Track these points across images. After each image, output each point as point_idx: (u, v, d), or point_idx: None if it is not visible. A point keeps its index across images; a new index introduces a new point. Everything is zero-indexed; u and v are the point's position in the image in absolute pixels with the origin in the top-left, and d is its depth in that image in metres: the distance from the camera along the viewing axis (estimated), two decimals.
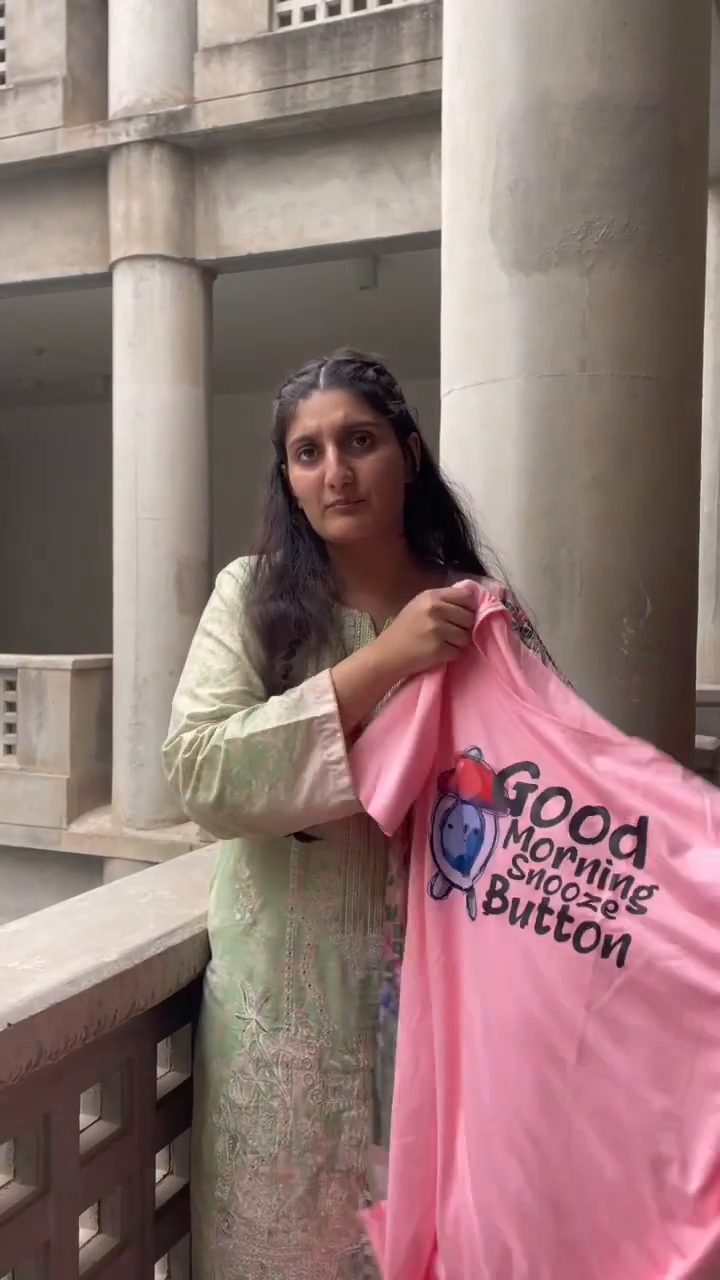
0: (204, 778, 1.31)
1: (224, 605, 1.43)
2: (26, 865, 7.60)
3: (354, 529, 1.37)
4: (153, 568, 7.13)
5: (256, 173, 6.83)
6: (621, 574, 2.33)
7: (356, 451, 1.36)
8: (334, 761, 1.27)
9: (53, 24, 7.28)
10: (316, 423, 1.36)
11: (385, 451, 1.38)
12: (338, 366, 1.41)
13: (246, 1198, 1.40)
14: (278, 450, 1.44)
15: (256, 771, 1.28)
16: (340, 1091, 1.37)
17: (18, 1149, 1.29)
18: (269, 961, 1.39)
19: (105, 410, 7.59)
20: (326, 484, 1.35)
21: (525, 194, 2.32)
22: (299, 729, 1.27)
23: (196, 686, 1.37)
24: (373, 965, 1.37)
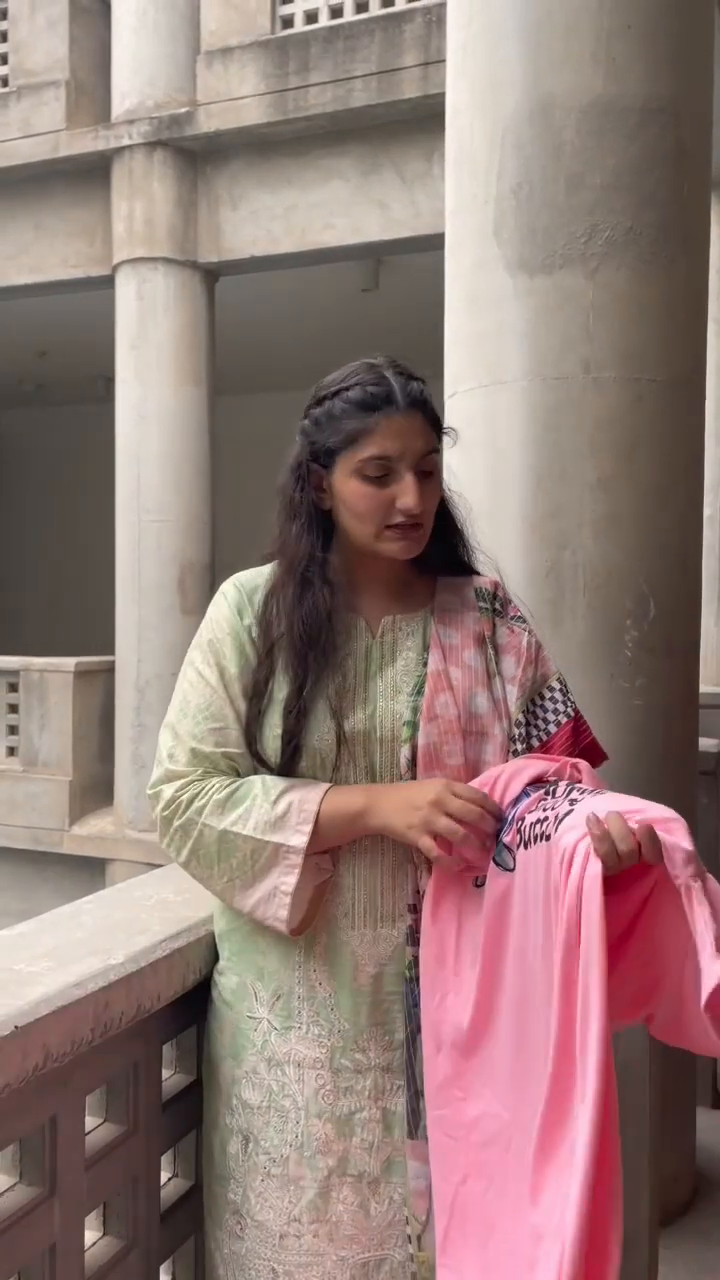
0: (176, 841, 1.38)
1: (209, 633, 1.45)
2: (29, 867, 7.60)
3: (411, 551, 1.41)
4: (155, 570, 7.14)
5: (259, 175, 6.84)
6: (626, 576, 2.34)
7: (424, 479, 1.39)
8: (284, 891, 1.33)
9: (55, 26, 7.30)
10: (399, 447, 1.36)
11: (439, 478, 1.43)
12: (408, 382, 1.39)
13: (259, 1200, 1.39)
14: (324, 454, 1.40)
15: (222, 862, 1.35)
16: (351, 1092, 1.37)
17: (24, 1151, 1.28)
18: (279, 960, 1.39)
19: (108, 412, 7.60)
20: (400, 509, 1.36)
21: (529, 196, 2.33)
22: (267, 848, 1.33)
23: (176, 721, 1.43)
24: (384, 961, 1.37)
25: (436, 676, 1.40)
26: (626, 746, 2.30)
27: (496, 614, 1.48)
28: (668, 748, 2.41)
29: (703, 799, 2.96)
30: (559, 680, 1.49)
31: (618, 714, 2.31)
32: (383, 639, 1.44)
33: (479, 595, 1.49)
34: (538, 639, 1.50)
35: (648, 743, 2.35)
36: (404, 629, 1.44)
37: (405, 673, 1.41)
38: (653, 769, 2.36)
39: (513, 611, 1.50)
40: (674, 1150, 2.47)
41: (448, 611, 1.47)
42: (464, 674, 1.42)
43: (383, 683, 1.41)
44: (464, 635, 1.45)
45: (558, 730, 1.45)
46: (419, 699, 1.39)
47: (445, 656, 1.42)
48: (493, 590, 1.50)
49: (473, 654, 1.44)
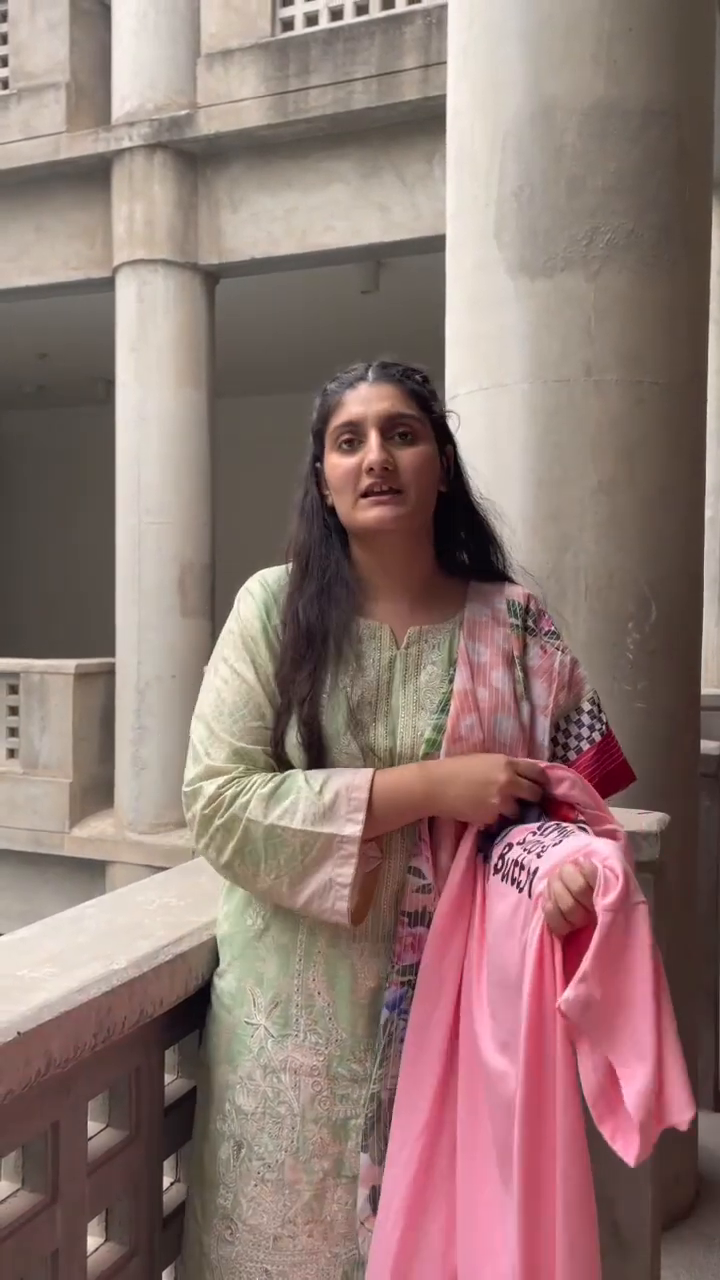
0: (218, 840, 1.34)
1: (241, 629, 1.42)
2: (29, 869, 7.60)
3: (389, 519, 1.36)
4: (155, 571, 7.14)
5: (259, 177, 6.85)
6: (627, 579, 2.34)
7: (397, 444, 1.37)
8: (342, 883, 1.29)
9: (56, 29, 7.31)
10: (362, 410, 1.37)
11: (425, 448, 1.40)
12: (386, 365, 1.43)
13: (251, 1204, 1.38)
14: (316, 442, 1.44)
15: (269, 859, 1.31)
16: (348, 1100, 1.36)
17: (26, 1157, 1.28)
18: (279, 967, 1.39)
19: (108, 414, 7.61)
20: (365, 468, 1.35)
21: (530, 199, 2.33)
22: (319, 839, 1.29)
23: (212, 719, 1.39)
24: (384, 974, 1.36)
25: (463, 696, 1.36)
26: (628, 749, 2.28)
27: (528, 631, 1.44)
28: (669, 750, 2.41)
29: (704, 801, 2.96)
30: (591, 701, 1.45)
31: (619, 717, 2.31)
32: (407, 650, 1.40)
33: (511, 609, 1.45)
34: (572, 657, 1.45)
35: (649, 745, 2.35)
36: (430, 640, 1.40)
37: (430, 689, 1.38)
38: (654, 771, 2.36)
39: (546, 626, 1.46)
40: (675, 1153, 2.47)
41: (477, 624, 1.42)
42: (491, 695, 1.38)
43: (405, 697, 1.37)
44: (493, 653, 1.41)
45: (579, 757, 1.43)
46: (443, 718, 1.35)
47: (473, 675, 1.38)
48: (525, 604, 1.46)
49: (501, 675, 1.39)
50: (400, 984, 1.35)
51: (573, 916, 1.15)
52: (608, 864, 1.14)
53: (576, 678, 1.45)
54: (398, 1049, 1.34)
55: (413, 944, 1.34)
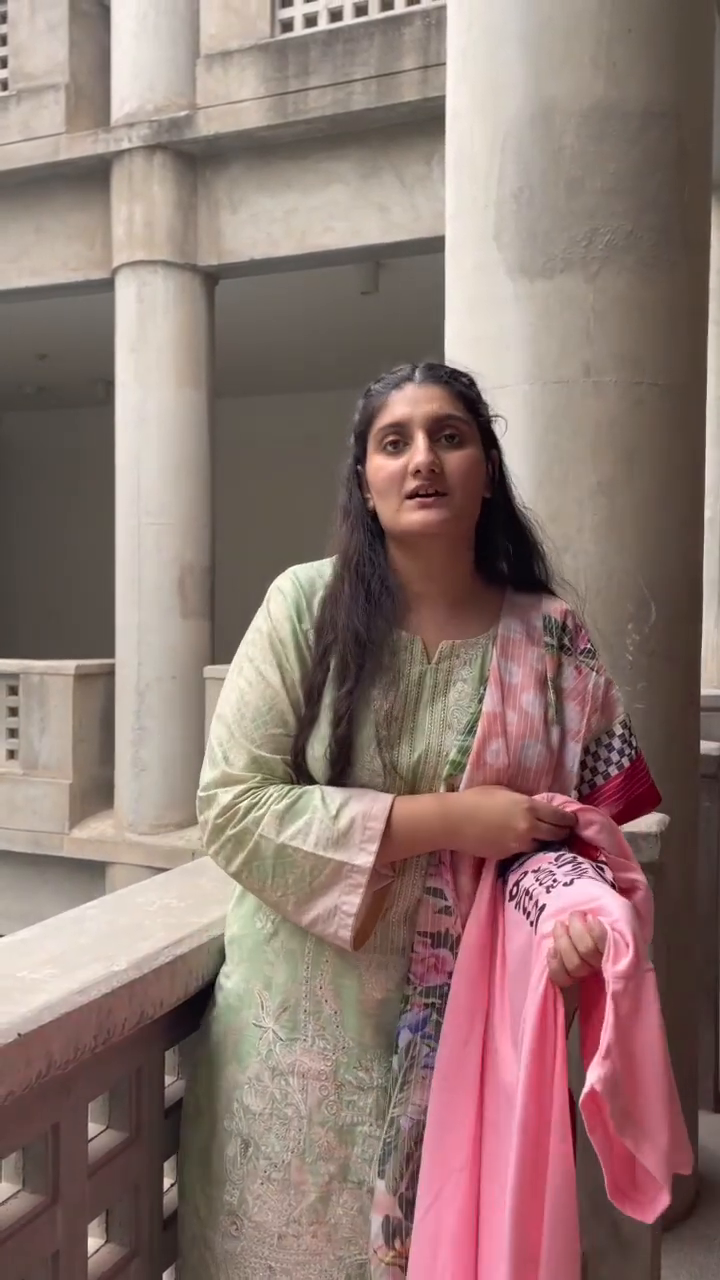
0: (227, 850, 1.33)
1: (272, 630, 1.38)
2: (29, 869, 7.60)
3: (435, 523, 1.32)
4: (155, 572, 7.14)
5: (259, 178, 6.85)
6: (627, 580, 2.34)
7: (444, 446, 1.34)
8: (347, 911, 1.28)
9: (55, 30, 7.31)
10: (409, 410, 1.34)
11: (472, 451, 1.36)
12: (433, 366, 1.39)
13: (257, 1202, 1.38)
14: (358, 444, 1.40)
15: (276, 877, 1.30)
16: (354, 1106, 1.36)
17: (26, 1158, 1.28)
18: (287, 972, 1.38)
19: (107, 415, 7.61)
20: (411, 470, 1.31)
21: (530, 200, 2.33)
22: (329, 865, 1.28)
23: (234, 722, 1.36)
24: (391, 988, 1.35)
25: (491, 718, 1.32)
26: None
27: (564, 650, 1.40)
28: (669, 751, 2.41)
29: (704, 802, 2.96)
30: (623, 724, 1.42)
31: None
32: (438, 665, 1.36)
33: (547, 626, 1.40)
34: (607, 678, 1.42)
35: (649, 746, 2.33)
36: (461, 656, 1.37)
37: (459, 708, 1.34)
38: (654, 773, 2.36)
39: (583, 644, 1.42)
40: None
41: (511, 641, 1.38)
42: (520, 719, 1.34)
43: (433, 714, 1.34)
44: (525, 673, 1.36)
45: (601, 786, 1.40)
46: (469, 739, 1.32)
47: (504, 697, 1.34)
48: (562, 620, 1.41)
49: (532, 697, 1.35)
50: (423, 1006, 1.33)
51: (577, 974, 1.15)
52: (617, 928, 1.13)
53: (610, 699, 1.41)
54: (420, 1074, 1.31)
55: (435, 965, 1.33)
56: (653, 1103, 1.11)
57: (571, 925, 1.16)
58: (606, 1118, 1.09)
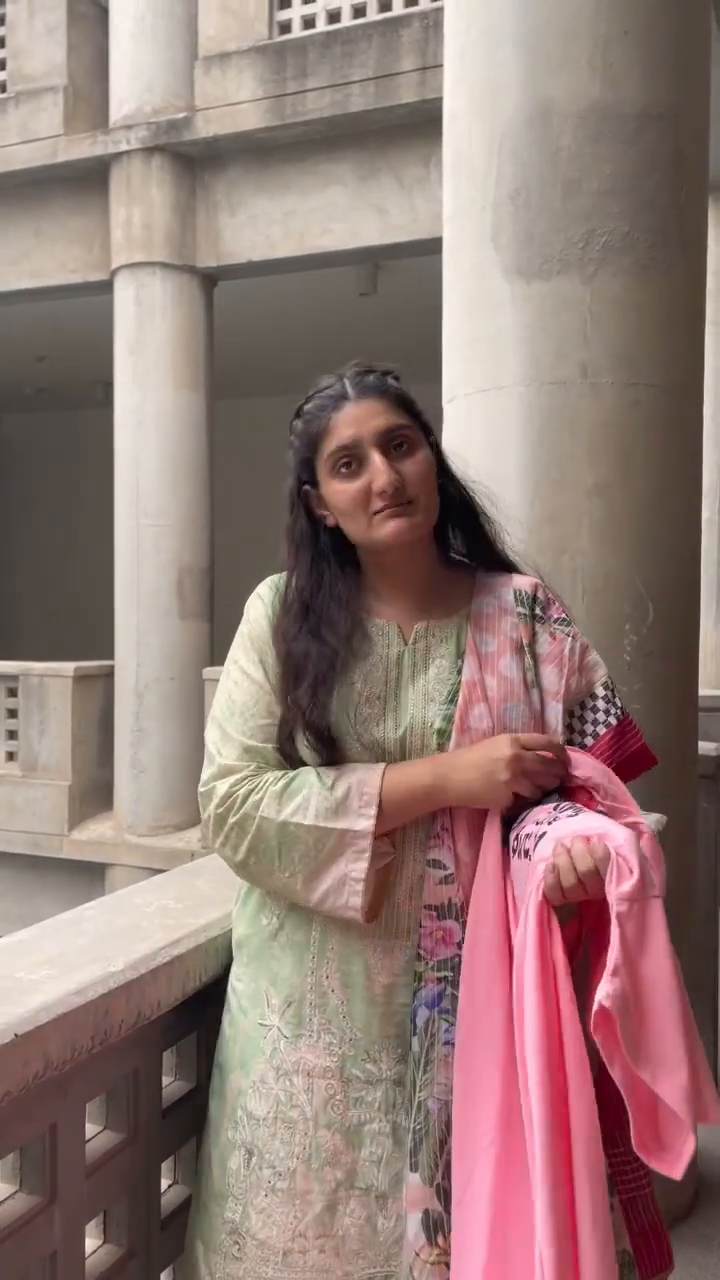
0: (232, 839, 1.35)
1: (250, 632, 1.43)
2: (28, 872, 7.60)
3: (408, 530, 1.35)
4: (154, 574, 7.14)
5: (257, 180, 6.85)
6: (624, 580, 2.34)
7: (397, 457, 1.36)
8: (355, 878, 1.29)
9: (54, 32, 7.32)
10: (356, 431, 1.35)
11: (423, 454, 1.39)
12: (362, 376, 1.40)
13: (261, 1216, 1.36)
14: (302, 469, 1.41)
15: (282, 856, 1.32)
16: (361, 1103, 1.34)
17: (24, 1159, 1.28)
18: (293, 965, 1.38)
19: (106, 416, 7.61)
20: (376, 491, 1.34)
21: (527, 202, 2.33)
22: (332, 835, 1.30)
23: (224, 720, 1.40)
24: (398, 973, 1.35)
25: (471, 686, 1.36)
26: None
27: (537, 619, 1.43)
28: (667, 751, 2.41)
29: (702, 802, 2.96)
30: (605, 686, 1.44)
31: None
32: (415, 645, 1.39)
33: (518, 598, 1.44)
34: (583, 642, 1.44)
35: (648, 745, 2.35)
36: (437, 634, 1.40)
37: (439, 680, 1.38)
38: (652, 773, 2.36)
39: (555, 613, 1.45)
40: None
41: (484, 615, 1.42)
42: (500, 684, 1.37)
43: (414, 691, 1.37)
44: (501, 642, 1.40)
45: (595, 742, 1.41)
46: (451, 708, 1.35)
47: (481, 665, 1.38)
48: (533, 592, 1.44)
49: (509, 662, 1.39)
50: (436, 980, 1.33)
51: (572, 894, 1.16)
52: (621, 852, 1.12)
53: (588, 663, 1.43)
54: (442, 1052, 1.31)
55: (443, 938, 1.33)
56: (667, 1032, 1.08)
57: (573, 846, 1.17)
58: (619, 1040, 1.07)
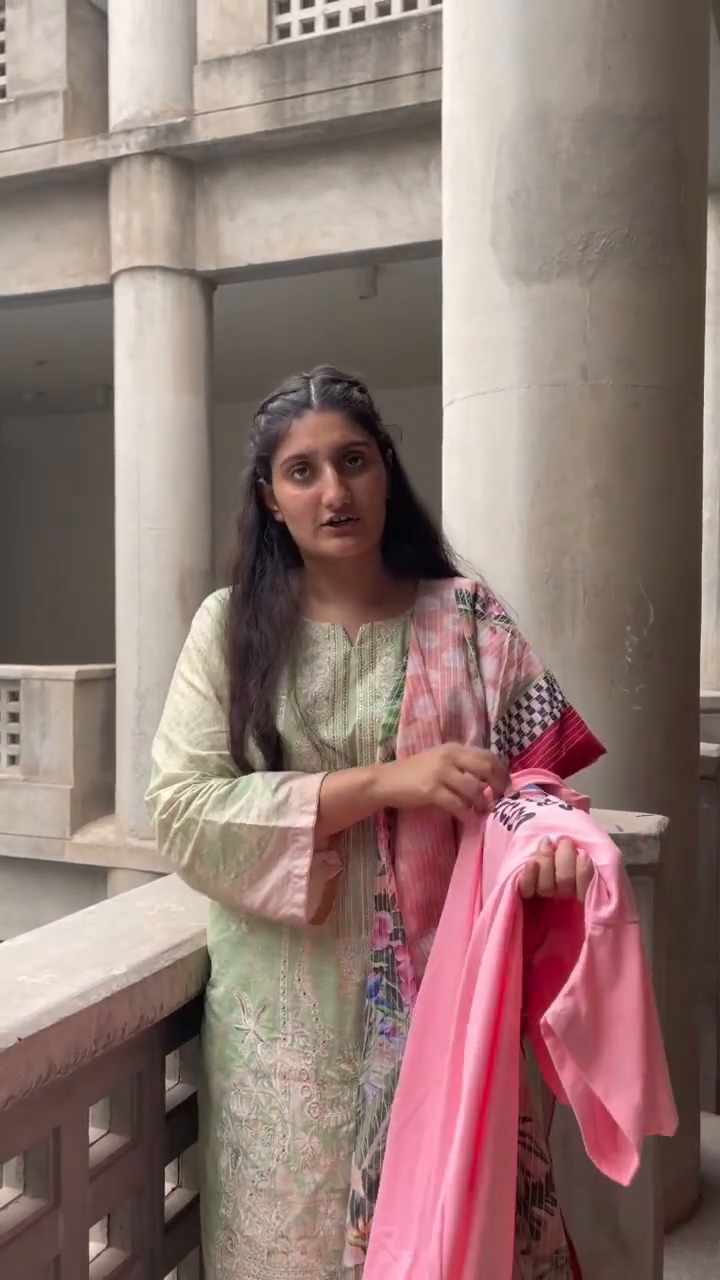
0: (177, 845, 1.38)
1: (194, 644, 1.47)
2: (30, 875, 7.59)
3: (351, 547, 1.40)
4: (155, 577, 7.15)
5: (256, 183, 6.86)
6: (625, 582, 2.34)
7: (350, 471, 1.40)
8: (298, 874, 1.31)
9: (53, 37, 7.33)
10: (312, 442, 1.39)
11: (375, 471, 1.43)
12: (328, 386, 1.43)
13: (248, 1214, 1.39)
14: (258, 464, 1.46)
15: (227, 859, 1.34)
16: (338, 1104, 1.36)
17: (27, 1163, 1.28)
18: (265, 970, 1.39)
19: (107, 421, 7.61)
20: (325, 504, 1.38)
21: (526, 204, 2.34)
22: (273, 834, 1.32)
23: (169, 730, 1.44)
24: (368, 968, 1.36)
25: (415, 680, 1.40)
26: (627, 752, 2.30)
27: (478, 615, 1.48)
28: (668, 752, 2.41)
29: (703, 804, 2.96)
30: (546, 679, 1.47)
31: (618, 719, 2.32)
32: (361, 645, 1.44)
33: (459, 597, 1.49)
34: (522, 639, 1.49)
35: (648, 748, 2.36)
36: (382, 634, 1.45)
37: (384, 677, 1.42)
38: (653, 774, 2.37)
39: (495, 611, 1.49)
40: (678, 1156, 2.47)
41: (427, 614, 1.47)
42: (443, 676, 1.41)
43: (362, 689, 1.41)
44: (443, 637, 1.45)
45: (537, 739, 1.44)
46: (397, 703, 1.39)
47: (424, 660, 1.42)
48: (473, 591, 1.50)
49: (452, 655, 1.43)
50: (375, 970, 1.35)
51: (544, 893, 1.18)
52: (604, 874, 1.14)
53: (527, 658, 1.47)
54: (378, 1041, 1.34)
55: (379, 929, 1.36)
56: (626, 1053, 1.10)
57: (560, 848, 1.19)
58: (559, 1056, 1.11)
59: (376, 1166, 1.30)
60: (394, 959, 1.34)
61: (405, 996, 1.33)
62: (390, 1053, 1.32)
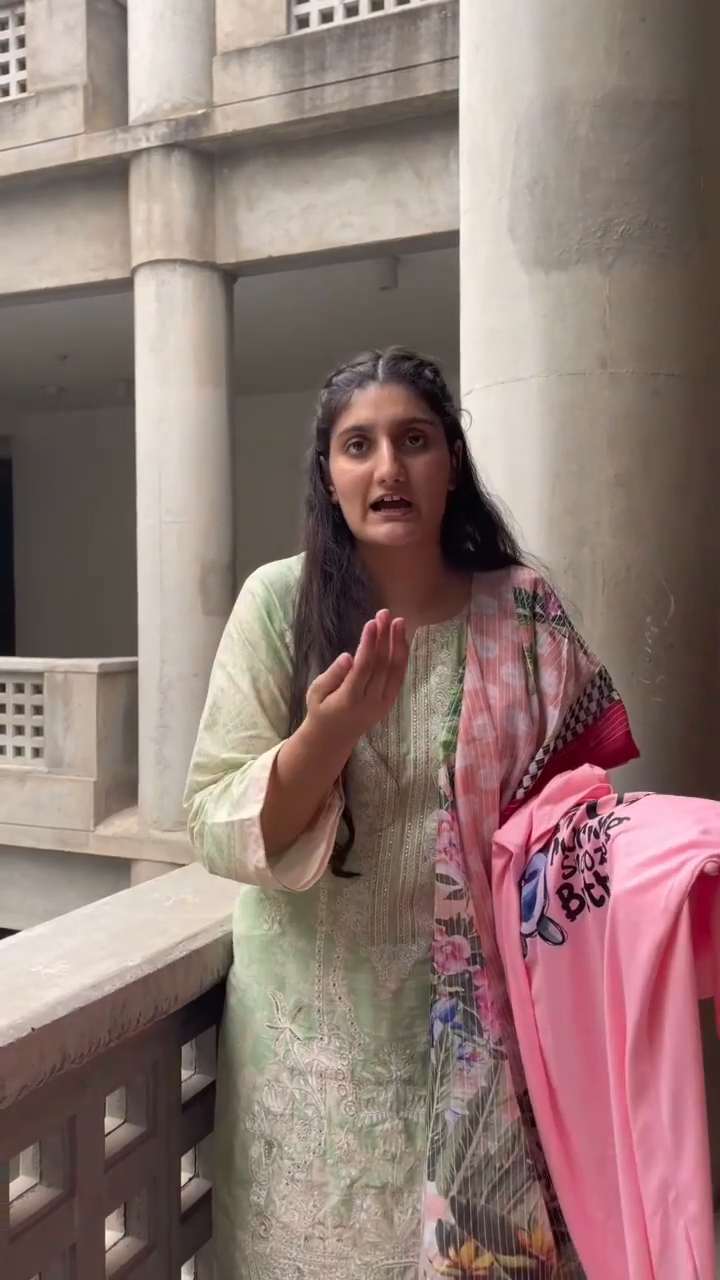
0: (197, 847, 1.38)
1: (240, 634, 1.39)
2: (55, 867, 7.65)
3: (402, 535, 1.31)
4: (177, 571, 7.16)
5: (276, 175, 6.84)
6: (645, 572, 2.32)
7: (409, 450, 1.32)
8: (261, 866, 1.26)
9: (73, 31, 7.33)
10: (373, 414, 1.31)
11: (437, 454, 1.35)
12: (397, 361, 1.36)
13: (284, 1202, 1.38)
14: (319, 439, 1.38)
15: (224, 858, 1.33)
16: (373, 1104, 1.35)
17: (43, 1152, 1.29)
18: (298, 972, 1.38)
19: (128, 414, 7.63)
20: (377, 480, 1.30)
21: (544, 192, 2.31)
22: (235, 829, 1.29)
23: (207, 729, 1.39)
24: (405, 976, 1.34)
25: (474, 695, 1.33)
26: (646, 743, 2.28)
27: (537, 618, 1.41)
28: (688, 744, 2.39)
29: None
30: (600, 676, 1.46)
31: (638, 711, 2.29)
32: (416, 652, 1.36)
33: (518, 598, 1.41)
34: (580, 642, 1.43)
35: (668, 739, 2.34)
36: (438, 640, 1.38)
37: (440, 690, 1.35)
38: (673, 766, 2.35)
39: (554, 610, 1.43)
40: None
41: (484, 617, 1.39)
42: (501, 692, 1.35)
43: (416, 701, 1.35)
44: (502, 647, 1.38)
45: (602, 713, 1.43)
46: (455, 719, 1.33)
47: (483, 673, 1.35)
48: (532, 590, 1.43)
49: (511, 669, 1.37)
50: (449, 995, 1.32)
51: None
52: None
53: (579, 666, 1.43)
54: (457, 1066, 1.30)
55: (453, 953, 1.32)
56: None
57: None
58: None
59: (465, 1192, 1.28)
60: (472, 984, 1.31)
61: (484, 1021, 1.29)
62: (473, 1078, 1.30)
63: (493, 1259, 1.26)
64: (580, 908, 1.22)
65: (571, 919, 1.23)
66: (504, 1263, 1.27)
